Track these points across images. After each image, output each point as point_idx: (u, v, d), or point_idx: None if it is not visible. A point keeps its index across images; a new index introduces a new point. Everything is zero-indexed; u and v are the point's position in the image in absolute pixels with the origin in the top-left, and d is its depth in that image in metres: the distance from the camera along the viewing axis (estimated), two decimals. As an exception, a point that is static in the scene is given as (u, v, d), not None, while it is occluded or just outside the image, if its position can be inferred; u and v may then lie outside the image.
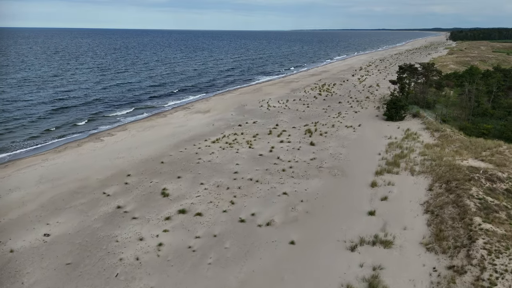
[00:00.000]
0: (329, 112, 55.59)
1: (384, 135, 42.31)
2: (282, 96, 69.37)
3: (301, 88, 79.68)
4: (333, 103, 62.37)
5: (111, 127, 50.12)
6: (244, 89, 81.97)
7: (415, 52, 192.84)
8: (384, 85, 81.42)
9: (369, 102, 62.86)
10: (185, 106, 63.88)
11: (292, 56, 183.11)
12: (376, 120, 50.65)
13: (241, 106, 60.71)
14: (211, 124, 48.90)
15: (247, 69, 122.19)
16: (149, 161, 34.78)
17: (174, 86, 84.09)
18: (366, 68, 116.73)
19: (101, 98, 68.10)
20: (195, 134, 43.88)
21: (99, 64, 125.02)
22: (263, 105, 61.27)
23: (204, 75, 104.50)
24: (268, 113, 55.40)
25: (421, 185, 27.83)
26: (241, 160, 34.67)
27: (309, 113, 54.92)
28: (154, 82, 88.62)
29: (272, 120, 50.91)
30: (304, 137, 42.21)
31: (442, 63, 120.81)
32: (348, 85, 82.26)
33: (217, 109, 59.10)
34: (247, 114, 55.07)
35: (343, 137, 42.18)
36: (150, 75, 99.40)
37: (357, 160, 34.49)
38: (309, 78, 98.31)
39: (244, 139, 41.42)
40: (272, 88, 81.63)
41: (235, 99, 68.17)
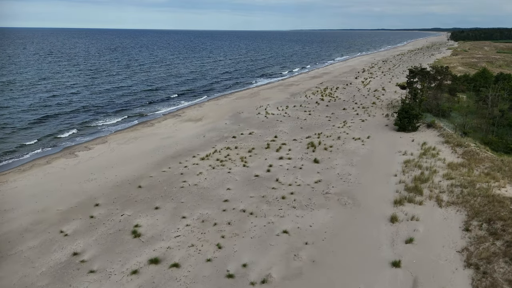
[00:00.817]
0: (333, 121, 50.35)
1: (398, 150, 37.06)
2: (281, 102, 64.13)
3: (302, 92, 74.43)
4: (337, 110, 57.13)
5: (90, 139, 44.80)
6: (241, 93, 76.71)
7: (417, 53, 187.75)
8: (390, 89, 76.25)
9: (376, 109, 57.62)
10: (176, 113, 58.58)
11: (292, 57, 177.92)
12: (386, 130, 45.40)
13: (237, 114, 55.44)
14: (201, 136, 43.62)
15: (245, 71, 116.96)
16: (124, 184, 29.50)
17: (167, 90, 78.67)
18: (369, 70, 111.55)
19: (88, 105, 62.36)
20: (182, 149, 38.59)
21: (92, 66, 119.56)
22: (260, 112, 56.00)
23: (200, 77, 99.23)
24: (266, 121, 50.15)
25: (454, 222, 22.61)
26: (233, 183, 29.41)
27: (311, 122, 49.68)
28: (147, 86, 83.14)
29: (270, 130, 45.64)
30: (306, 152, 36.96)
31: (448, 65, 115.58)
32: (351, 89, 77.04)
33: (210, 117, 53.83)
34: (242, 123, 49.80)
35: (351, 152, 36.93)
36: (144, 79, 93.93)
37: (370, 183, 29.26)
38: (310, 81, 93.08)
39: (238, 155, 36.16)
40: (270, 92, 76.38)
41: (231, 105, 62.91)
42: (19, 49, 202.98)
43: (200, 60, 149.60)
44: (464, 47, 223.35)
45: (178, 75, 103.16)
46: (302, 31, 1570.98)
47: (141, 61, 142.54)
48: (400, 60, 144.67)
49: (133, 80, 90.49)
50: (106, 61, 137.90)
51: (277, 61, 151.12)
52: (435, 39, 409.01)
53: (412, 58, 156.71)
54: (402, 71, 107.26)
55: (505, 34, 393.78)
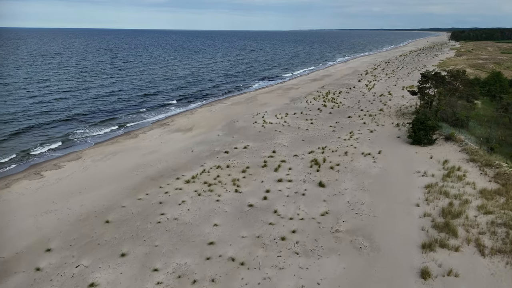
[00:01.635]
0: (338, 131, 45.14)
1: (416, 170, 31.85)
2: (280, 108, 58.91)
3: (302, 97, 69.22)
4: (342, 118, 51.92)
5: (63, 154, 39.50)
6: (237, 98, 71.48)
7: (420, 53, 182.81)
8: (397, 93, 71.11)
9: (385, 117, 52.44)
10: (164, 121, 53.31)
11: (291, 58, 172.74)
12: (398, 143, 40.20)
13: (231, 122, 50.20)
14: (189, 150, 38.37)
15: (243, 73, 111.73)
16: (89, 218, 24.24)
17: (159, 96, 73.05)
18: (372, 72, 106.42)
19: (72, 114, 56.27)
20: (166, 167, 33.34)
21: (84, 68, 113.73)
22: (257, 120, 50.76)
23: (195, 80, 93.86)
24: (263, 132, 44.91)
25: (504, 279, 17.44)
26: (221, 217, 24.20)
27: (314, 133, 44.46)
28: (138, 91, 77.47)
29: (267, 143, 40.41)
30: (309, 172, 31.76)
31: (454, 66, 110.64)
32: (355, 94, 71.85)
33: (202, 127, 48.58)
34: (237, 134, 44.56)
35: (361, 172, 31.73)
36: (136, 82, 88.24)
37: (388, 216, 24.07)
38: (310, 84, 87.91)
39: (229, 176, 30.92)
40: (268, 96, 71.17)
41: (226, 112, 57.67)
42: (12, 49, 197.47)
43: (196, 62, 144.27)
44: (467, 47, 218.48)
45: (172, 77, 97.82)
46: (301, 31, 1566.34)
47: (136, 62, 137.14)
48: (403, 62, 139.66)
49: (124, 84, 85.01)
50: (99, 63, 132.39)
51: (276, 63, 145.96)
52: (435, 39, 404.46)
53: (415, 59, 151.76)
54: (407, 73, 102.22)
55: (506, 34, 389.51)
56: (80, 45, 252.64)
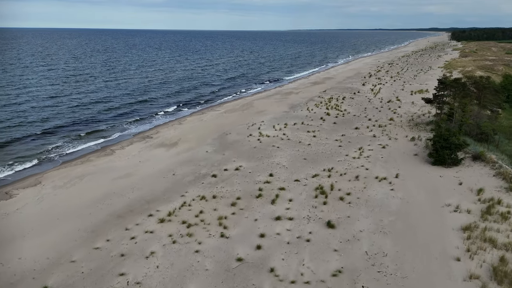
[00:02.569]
0: (345, 147, 39.16)
1: (446, 203, 25.90)
2: (278, 117, 52.94)
3: (303, 103, 63.26)
4: (348, 130, 45.97)
5: (21, 177, 33.40)
6: (232, 104, 65.49)
7: (423, 54, 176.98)
8: (406, 99, 65.18)
9: (396, 128, 46.50)
10: (148, 133, 47.28)
11: (289, 59, 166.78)
12: (417, 163, 34.27)
13: (223, 135, 44.19)
14: (171, 172, 32.35)
15: (239, 75, 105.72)
16: (24, 281, 18.21)
17: (147, 103, 66.34)
18: (376, 75, 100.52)
19: (47, 127, 49.46)
20: (139, 198, 27.33)
21: (72, 71, 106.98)
22: (252, 133, 44.74)
23: (188, 84, 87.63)
24: (258, 148, 38.91)
25: None
26: (200, 279, 18.19)
27: (317, 149, 38.49)
28: (125, 96, 70.88)
29: (264, 163, 34.42)
30: (314, 205, 25.80)
31: (463, 68, 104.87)
32: (360, 99, 65.91)
33: (189, 140, 42.55)
34: (228, 150, 38.56)
35: (378, 205, 25.79)
36: (124, 87, 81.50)
37: (421, 278, 18.12)
38: (311, 87, 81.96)
39: (215, 212, 24.93)
40: (266, 102, 65.20)
41: (218, 121, 51.69)
42: (1, 50, 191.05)
43: (192, 63, 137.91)
44: (471, 47, 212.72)
45: (164, 81, 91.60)
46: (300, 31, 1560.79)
47: (128, 64, 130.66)
48: (407, 63, 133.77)
49: (113, 90, 78.37)
50: (89, 64, 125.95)
51: (274, 64, 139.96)
52: (436, 39, 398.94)
53: (418, 60, 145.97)
54: (413, 76, 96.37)
55: (507, 34, 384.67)
56: (74, 46, 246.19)
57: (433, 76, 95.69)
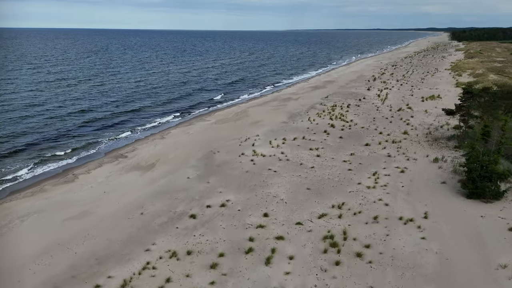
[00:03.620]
0: (356, 171, 32.45)
1: (499, 263, 19.24)
2: (276, 129, 46.22)
3: (303, 111, 56.58)
4: (357, 147, 39.26)
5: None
6: (224, 113, 58.76)
7: (426, 55, 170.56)
8: (418, 107, 58.55)
9: (413, 144, 39.82)
10: (123, 150, 40.46)
11: (288, 60, 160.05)
12: (447, 194, 27.60)
13: (210, 154, 37.41)
14: (139, 210, 25.57)
15: (235, 78, 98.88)
16: None
17: (130, 113, 58.42)
18: (381, 78, 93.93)
19: (15, 145, 42.03)
20: (88, 254, 20.49)
21: (57, 75, 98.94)
22: (245, 151, 37.95)
23: (180, 89, 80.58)
24: (251, 173, 32.17)
25: None
26: None
27: (323, 174, 31.77)
28: (108, 105, 62.88)
29: (257, 195, 27.67)
30: (323, 267, 19.06)
31: (472, 71, 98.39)
32: (367, 107, 59.27)
33: (169, 161, 35.79)
34: (215, 175, 31.80)
35: (409, 267, 19.06)
36: (110, 94, 72.72)
37: None
38: (311, 92, 75.32)
39: (187, 280, 18.14)
40: (262, 110, 58.49)
41: (206, 135, 44.92)
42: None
43: (186, 65, 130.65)
44: (474, 48, 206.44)
45: (154, 86, 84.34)
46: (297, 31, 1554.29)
47: (118, 66, 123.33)
48: (411, 64, 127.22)
49: (95, 96, 70.59)
50: (77, 67, 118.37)
51: (272, 66, 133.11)
52: (435, 39, 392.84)
53: (422, 61, 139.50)
54: (420, 79, 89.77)
55: (508, 34, 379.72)
56: (67, 47, 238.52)
57: (441, 80, 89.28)
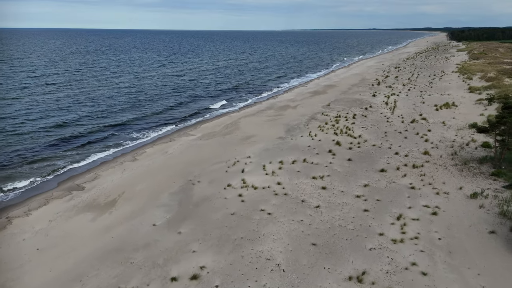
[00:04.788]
0: (374, 212, 25.01)
1: None
2: (271, 147, 38.74)
3: (303, 123, 49.18)
4: (371, 173, 31.82)
5: None
6: (212, 125, 51.25)
7: (428, 56, 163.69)
8: (433, 117, 51.28)
9: (439, 170, 32.43)
10: (80, 179, 32.76)
11: (285, 62, 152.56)
12: (504, 254, 20.29)
13: (188, 185, 29.85)
14: (77, 285, 18.07)
15: (228, 82, 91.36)
16: None
17: (103, 128, 49.91)
18: (385, 81, 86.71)
19: None
20: None
21: (33, 79, 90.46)
22: (232, 180, 30.41)
23: (167, 96, 72.68)
24: (238, 216, 24.66)
25: None
26: None
27: (331, 218, 24.31)
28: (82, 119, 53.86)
29: (244, 257, 20.16)
30: None
31: (483, 74, 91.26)
32: (376, 118, 51.92)
33: (134, 196, 28.19)
34: (190, 220, 24.25)
35: None
36: (85, 104, 64.06)
37: None
38: (311, 99, 67.96)
39: None
40: (256, 121, 51.03)
41: (186, 157, 37.35)
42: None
43: (178, 67, 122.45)
44: (476, 48, 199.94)
45: (138, 92, 76.24)
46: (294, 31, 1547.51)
47: (104, 69, 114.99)
48: (414, 66, 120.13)
49: (68, 107, 61.07)
50: (59, 71, 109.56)
51: (268, 69, 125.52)
52: (433, 39, 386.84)
53: (426, 62, 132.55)
54: (428, 83, 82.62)
55: (507, 34, 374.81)
56: (57, 47, 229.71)
57: (451, 83, 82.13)
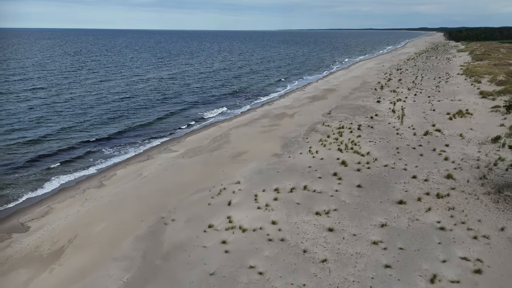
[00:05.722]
0: (398, 269, 18.99)
1: None
2: (265, 169, 32.65)
3: (302, 136, 43.14)
4: (388, 206, 25.78)
5: None
6: (199, 137, 45.12)
7: (429, 57, 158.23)
8: (448, 128, 45.39)
9: (469, 201, 26.46)
10: (28, 214, 26.53)
11: (281, 63, 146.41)
12: None
13: (159, 226, 23.65)
14: None
15: (220, 87, 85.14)
16: None
17: (75, 143, 43.76)
18: (388, 84, 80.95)
19: None
20: None
21: (10, 85, 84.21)
22: (215, 219, 24.26)
23: (153, 102, 65.97)
24: (220, 276, 18.44)
25: None
26: None
27: (343, 280, 18.16)
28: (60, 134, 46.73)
29: None
30: None
31: (492, 76, 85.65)
32: (383, 128, 45.96)
33: (88, 243, 21.98)
34: (154, 283, 18.16)
35: None
36: (63, 113, 57.77)
37: None
38: (309, 105, 62.01)
39: None
40: (248, 134, 44.94)
41: (162, 182, 31.16)
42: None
43: (170, 70, 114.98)
44: (477, 48, 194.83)
45: (126, 96, 69.40)
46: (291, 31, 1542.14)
47: (91, 71, 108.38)
48: (417, 68, 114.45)
49: (42, 114, 55.35)
50: (43, 73, 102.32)
51: (263, 70, 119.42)
52: (431, 39, 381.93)
53: (427, 64, 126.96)
54: (434, 87, 76.89)
55: (505, 33, 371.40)
56: (46, 48, 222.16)
57: (459, 87, 76.42)
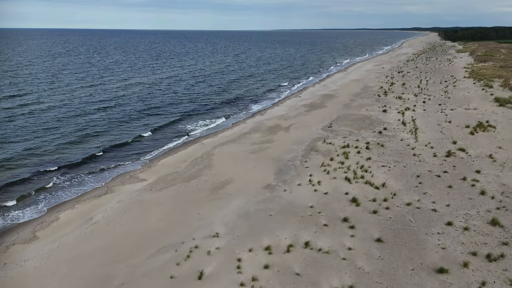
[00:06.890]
0: None
1: None
2: (253, 210, 25.09)
3: (299, 158, 35.67)
4: (423, 278, 18.32)
5: None
6: (175, 159, 37.47)
7: (429, 58, 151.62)
8: (472, 146, 38.21)
9: (533, 265, 19.36)
10: None
11: (277, 65, 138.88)
12: None
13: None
14: None
15: (208, 94, 77.41)
16: None
17: (25, 174, 36.51)
18: (391, 89, 73.91)
19: None
20: None
21: None
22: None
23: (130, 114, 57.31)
24: None
25: None
26: None
27: None
28: (11, 158, 41.71)
29: None
30: None
31: (504, 80, 78.89)
32: (396, 147, 38.65)
33: None
34: None
35: None
36: (25, 132, 49.75)
37: None
38: (307, 115, 54.68)
39: None
40: (235, 154, 37.37)
41: (114, 233, 23.48)
42: None
43: (159, 75, 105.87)
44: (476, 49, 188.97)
45: (103, 107, 61.25)
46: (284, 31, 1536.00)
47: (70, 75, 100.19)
48: (419, 70, 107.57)
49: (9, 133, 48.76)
50: (19, 78, 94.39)
51: (256, 75, 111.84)
52: (426, 39, 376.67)
53: (429, 66, 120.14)
54: (442, 91, 69.97)
55: (500, 33, 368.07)
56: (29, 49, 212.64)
57: (469, 93, 69.51)
